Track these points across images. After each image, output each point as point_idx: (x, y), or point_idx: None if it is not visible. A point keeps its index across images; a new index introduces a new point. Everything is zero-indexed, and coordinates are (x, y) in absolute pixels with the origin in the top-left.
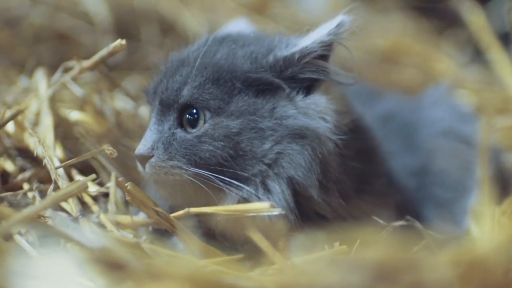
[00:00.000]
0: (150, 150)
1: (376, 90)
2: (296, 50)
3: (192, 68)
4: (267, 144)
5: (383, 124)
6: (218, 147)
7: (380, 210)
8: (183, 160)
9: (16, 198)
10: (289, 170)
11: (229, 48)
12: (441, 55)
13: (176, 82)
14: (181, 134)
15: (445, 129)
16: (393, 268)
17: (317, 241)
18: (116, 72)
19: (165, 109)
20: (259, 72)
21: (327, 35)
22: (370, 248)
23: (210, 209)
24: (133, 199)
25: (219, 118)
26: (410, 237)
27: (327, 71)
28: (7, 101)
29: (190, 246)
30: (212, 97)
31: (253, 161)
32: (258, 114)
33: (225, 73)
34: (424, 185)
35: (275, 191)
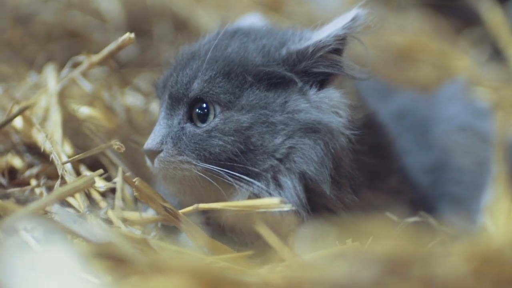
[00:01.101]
0: (159, 145)
1: (391, 87)
2: (310, 44)
3: (202, 61)
4: (279, 138)
5: (397, 120)
6: (228, 142)
7: (394, 207)
8: (193, 155)
9: (23, 194)
10: (301, 165)
11: (241, 41)
12: (458, 53)
13: (186, 76)
14: (191, 128)
15: (461, 125)
16: (404, 262)
17: (327, 236)
18: (128, 69)
19: (175, 103)
20: (271, 66)
21: (341, 28)
22: (381, 242)
23: (219, 205)
24: (141, 195)
25: (229, 113)
26: (423, 233)
27: (341, 66)
28: (16, 97)
29: (199, 243)
30: (223, 91)
31: (264, 156)
32: (270, 108)
33: (236, 66)
34: (439, 183)
35: (286, 187)
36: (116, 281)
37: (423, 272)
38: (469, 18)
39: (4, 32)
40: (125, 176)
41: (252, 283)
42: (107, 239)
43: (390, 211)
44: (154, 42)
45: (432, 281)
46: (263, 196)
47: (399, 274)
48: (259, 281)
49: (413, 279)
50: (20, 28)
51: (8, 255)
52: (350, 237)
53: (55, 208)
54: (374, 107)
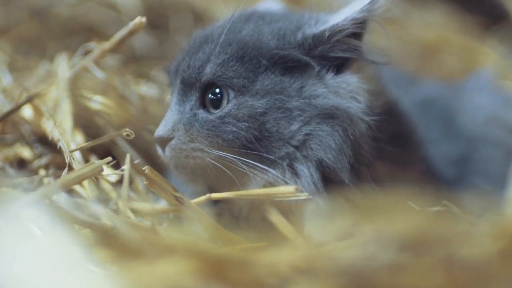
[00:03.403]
0: (171, 131)
1: (415, 76)
2: (326, 28)
3: (215, 44)
4: (295, 125)
5: (422, 110)
6: (242, 128)
7: (416, 198)
8: (205, 142)
9: (31, 184)
10: (318, 152)
11: (256, 24)
12: (485, 48)
13: (198, 60)
14: (203, 114)
15: (488, 116)
16: (424, 242)
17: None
18: (144, 62)
19: (187, 88)
20: (286, 49)
21: (359, 11)
22: (399, 222)
23: (233, 194)
24: (151, 184)
25: (243, 98)
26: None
27: (359, 50)
28: (26, 86)
29: (212, 234)
30: (236, 75)
31: (279, 143)
32: (285, 93)
33: (251, 50)
34: (465, 175)
35: (303, 175)
36: (122, 269)
37: (444, 253)
38: (496, 14)
39: (20, 25)
40: (134, 164)
41: (259, 265)
42: (114, 227)
43: (412, 201)
44: (171, 34)
45: (454, 262)
46: (278, 184)
47: (417, 254)
48: (265, 264)
49: (434, 261)
50: (36, 21)
51: (11, 243)
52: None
53: (61, 196)
54: (396, 95)
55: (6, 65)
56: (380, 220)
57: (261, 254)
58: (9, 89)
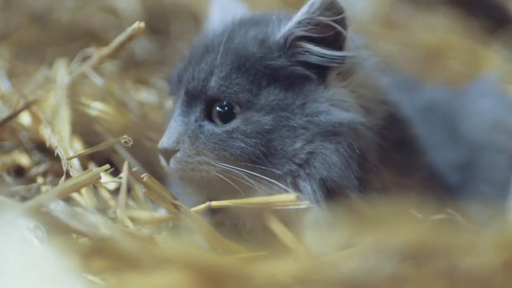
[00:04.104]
0: (176, 144)
1: (418, 81)
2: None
3: (216, 54)
4: (298, 143)
5: (425, 115)
6: (250, 144)
7: (420, 206)
8: (211, 155)
9: (29, 192)
10: (321, 171)
11: (245, 30)
12: (489, 52)
13: (202, 71)
14: (209, 127)
15: (492, 121)
16: (426, 253)
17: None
18: (145, 67)
19: (192, 99)
20: (270, 59)
21: (301, 14)
22: (400, 233)
23: (233, 203)
24: (150, 192)
25: (250, 113)
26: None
27: (326, 56)
28: (24, 92)
29: (212, 243)
30: (241, 89)
31: (283, 160)
32: (289, 110)
33: (244, 59)
34: (469, 181)
35: (305, 191)
36: (119, 280)
37: (447, 264)
38: (500, 18)
39: (19, 30)
40: (132, 171)
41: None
42: (110, 236)
43: (415, 208)
44: (172, 40)
45: (457, 274)
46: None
47: (420, 266)
48: (266, 277)
49: (436, 272)
50: (35, 26)
51: (7, 253)
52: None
53: (59, 205)
54: (397, 100)
55: (5, 71)
56: (382, 230)
57: (260, 264)
58: (7, 95)
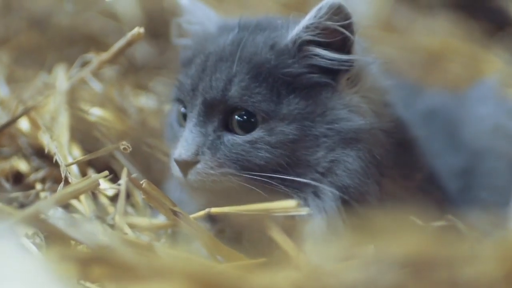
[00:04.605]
0: (195, 155)
1: (418, 86)
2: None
3: (231, 63)
4: (321, 152)
5: (426, 121)
6: (275, 154)
7: (420, 208)
8: (234, 166)
9: (27, 198)
10: (344, 178)
11: (257, 36)
12: (490, 56)
13: (220, 81)
14: (230, 137)
15: (493, 126)
16: (427, 264)
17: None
18: (144, 72)
19: (209, 109)
20: (284, 65)
21: (308, 19)
22: (402, 243)
23: (233, 209)
24: (149, 198)
25: (273, 123)
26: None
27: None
28: (23, 97)
29: (211, 250)
30: (263, 99)
31: (306, 169)
32: (311, 119)
33: (260, 67)
34: (469, 187)
35: (327, 199)
36: None
37: (448, 275)
38: (500, 20)
39: (19, 35)
40: (131, 177)
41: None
42: (108, 244)
43: (416, 214)
44: (172, 44)
45: (458, 284)
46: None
47: (422, 278)
48: (266, 285)
49: (437, 283)
50: (35, 31)
51: (5, 260)
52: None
53: (57, 212)
54: (395, 102)
55: (4, 76)
56: (383, 239)
57: (260, 273)
58: (6, 100)
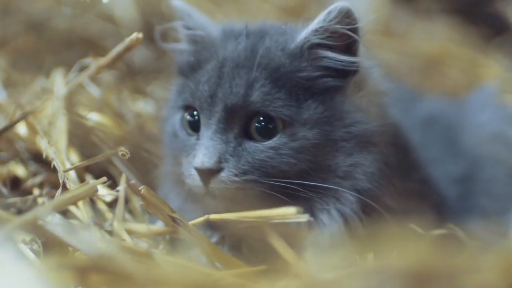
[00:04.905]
0: (218, 163)
1: (417, 92)
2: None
3: (249, 69)
4: (340, 156)
5: (424, 128)
6: (299, 160)
7: (418, 212)
8: (258, 173)
9: (25, 204)
10: (363, 182)
11: (271, 42)
12: (488, 61)
13: (240, 86)
14: (251, 144)
15: (492, 133)
16: (429, 277)
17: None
18: (142, 76)
19: (230, 116)
20: (298, 69)
21: (317, 22)
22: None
23: (232, 216)
24: (147, 204)
25: (295, 128)
26: (451, 247)
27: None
28: (21, 102)
29: (210, 256)
30: (284, 104)
31: (327, 174)
32: (329, 123)
33: (277, 73)
34: (468, 194)
35: (347, 203)
36: None
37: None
38: (498, 25)
39: (16, 38)
40: (129, 184)
41: None
42: (107, 251)
43: (415, 221)
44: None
45: None
46: (323, 212)
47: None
48: None
49: None
50: (33, 34)
51: (3, 266)
52: (371, 249)
53: (55, 218)
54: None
55: (1, 80)
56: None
57: (260, 281)
58: (4, 105)
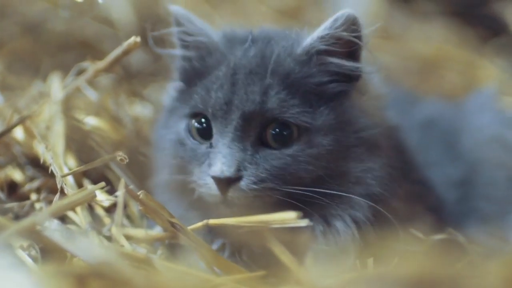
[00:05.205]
0: (237, 171)
1: (416, 95)
2: None
3: (262, 76)
4: (352, 162)
5: (423, 131)
6: (317, 167)
7: (417, 213)
8: (276, 180)
9: (22, 209)
10: (374, 187)
11: (280, 48)
12: (484, 62)
13: (256, 93)
14: (268, 151)
15: (491, 136)
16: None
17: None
18: (139, 79)
19: (246, 123)
20: (309, 74)
21: (323, 29)
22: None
23: (231, 221)
24: (146, 209)
25: (311, 134)
26: (451, 252)
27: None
28: (18, 106)
29: (209, 262)
30: (300, 110)
31: (340, 180)
32: (341, 129)
33: (289, 79)
34: (467, 198)
35: (359, 208)
36: None
37: None
38: (495, 27)
39: (13, 41)
40: (128, 189)
41: None
42: (105, 258)
43: (416, 225)
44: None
45: None
46: (337, 218)
47: None
48: None
49: None
50: (29, 37)
51: (1, 274)
52: (371, 255)
53: (53, 224)
54: None
55: None
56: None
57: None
58: (1, 109)
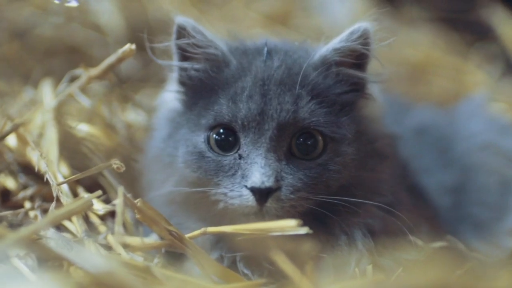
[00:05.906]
0: (276, 182)
1: (407, 101)
2: None
3: (290, 87)
4: (368, 171)
5: (416, 137)
6: (344, 176)
7: (415, 219)
8: (309, 190)
9: (16, 217)
10: (388, 197)
11: (299, 59)
12: (471, 67)
13: (288, 104)
14: (299, 161)
15: (483, 143)
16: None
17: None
18: (129, 84)
19: (280, 134)
20: (329, 86)
21: (339, 42)
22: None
23: (230, 228)
24: (144, 217)
25: (337, 144)
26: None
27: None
28: (10, 113)
29: (207, 270)
30: (329, 120)
31: (359, 189)
32: (360, 139)
33: (314, 90)
34: (460, 204)
35: (374, 217)
36: None
37: None
38: (482, 32)
39: (1, 46)
40: (126, 197)
41: None
42: (106, 267)
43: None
44: (156, 56)
45: None
46: (355, 226)
47: None
48: None
49: None
50: (17, 42)
51: None
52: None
53: (50, 233)
54: None
55: None
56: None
57: None
58: None
